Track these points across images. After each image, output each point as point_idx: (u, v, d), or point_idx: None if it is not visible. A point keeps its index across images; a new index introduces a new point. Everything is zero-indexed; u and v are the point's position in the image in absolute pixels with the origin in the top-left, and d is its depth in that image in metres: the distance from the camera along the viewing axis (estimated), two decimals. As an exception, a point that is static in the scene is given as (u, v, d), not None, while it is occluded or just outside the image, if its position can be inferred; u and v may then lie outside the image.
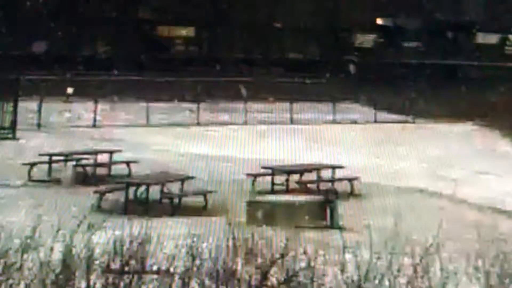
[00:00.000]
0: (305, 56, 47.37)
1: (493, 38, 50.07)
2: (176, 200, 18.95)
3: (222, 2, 45.59)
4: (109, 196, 18.55)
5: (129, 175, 21.20)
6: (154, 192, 18.94)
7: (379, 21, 48.71)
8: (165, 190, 19.10)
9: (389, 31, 48.44)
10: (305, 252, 8.36)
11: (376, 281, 7.92)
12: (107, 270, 8.02)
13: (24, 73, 30.76)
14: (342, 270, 8.08)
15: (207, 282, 7.80)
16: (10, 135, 27.13)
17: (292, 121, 34.87)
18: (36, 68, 34.52)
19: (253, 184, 20.76)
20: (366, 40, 48.43)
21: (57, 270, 7.97)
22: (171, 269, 8.17)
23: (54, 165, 21.57)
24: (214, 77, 38.61)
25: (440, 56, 47.69)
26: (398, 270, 8.13)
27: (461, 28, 49.82)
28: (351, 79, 41.55)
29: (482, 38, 49.75)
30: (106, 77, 36.12)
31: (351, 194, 20.90)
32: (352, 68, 44.43)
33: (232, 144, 28.78)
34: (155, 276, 8.13)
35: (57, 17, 41.37)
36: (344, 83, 40.20)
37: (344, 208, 18.10)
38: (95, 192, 18.54)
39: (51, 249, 8.29)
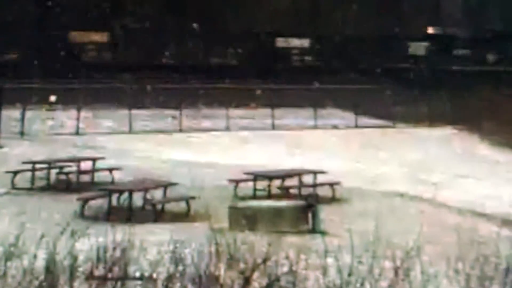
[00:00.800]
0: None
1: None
2: (159, 207, 18.96)
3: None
4: (92, 203, 18.52)
5: (112, 182, 21.21)
6: (137, 198, 18.93)
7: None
8: (148, 196, 19.09)
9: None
10: (287, 257, 8.37)
11: (358, 285, 7.93)
12: (90, 277, 8.01)
13: (5, 81, 30.72)
14: (324, 274, 8.08)
15: (190, 287, 7.80)
16: (-8, 144, 27.08)
17: (273, 127, 34.94)
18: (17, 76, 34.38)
19: (235, 190, 20.78)
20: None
21: (41, 277, 7.95)
22: (154, 275, 8.16)
23: (37, 173, 21.53)
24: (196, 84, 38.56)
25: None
26: (380, 274, 8.14)
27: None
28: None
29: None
30: (88, 85, 36.03)
31: (333, 198, 20.96)
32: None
33: (214, 150, 28.83)
34: (138, 282, 8.13)
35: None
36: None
37: (325, 213, 18.12)
38: (78, 199, 18.50)
39: (35, 256, 8.27)
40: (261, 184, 21.17)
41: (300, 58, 46.36)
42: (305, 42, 46.00)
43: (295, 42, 45.84)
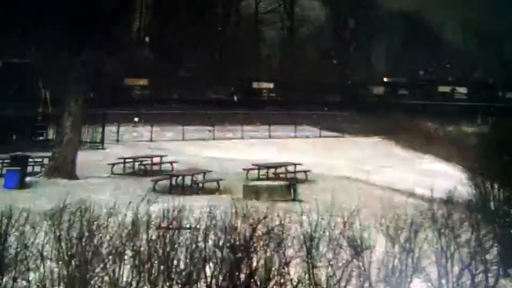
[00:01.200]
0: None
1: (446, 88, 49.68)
2: (200, 185, 18.99)
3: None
4: (160, 183, 18.58)
5: (172, 170, 21.26)
6: (187, 180, 18.98)
7: None
8: (194, 179, 19.14)
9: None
10: (278, 215, 8.35)
11: (321, 232, 7.91)
12: (159, 227, 7.99)
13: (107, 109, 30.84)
14: (301, 226, 8.05)
15: (219, 233, 7.79)
16: (100, 147, 27.10)
17: (270, 136, 34.90)
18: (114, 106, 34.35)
19: (247, 175, 20.81)
20: None
21: (129, 227, 7.96)
22: (198, 226, 8.15)
23: (126, 164, 21.58)
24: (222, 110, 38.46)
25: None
26: (334, 225, 8.12)
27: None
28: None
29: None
30: (159, 111, 36.04)
31: (306, 180, 21.00)
32: None
33: (233, 151, 28.83)
34: (188, 230, 8.11)
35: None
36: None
37: (301, 189, 18.15)
38: (152, 180, 18.57)
39: (125, 215, 8.28)
40: (263, 172, 21.19)
41: (267, 95, 46.06)
42: (271, 84, 45.75)
43: (265, 85, 45.68)
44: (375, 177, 22.40)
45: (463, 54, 51.71)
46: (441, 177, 20.09)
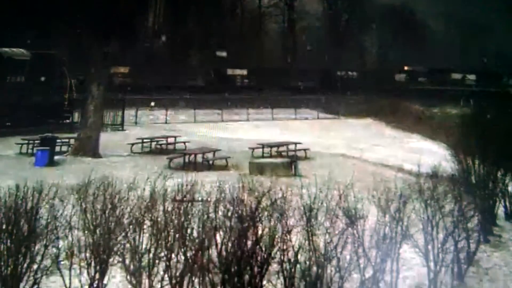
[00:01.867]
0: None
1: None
2: (211, 162, 19.00)
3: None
4: (175, 160, 18.58)
5: (185, 149, 21.27)
6: (199, 158, 18.96)
7: None
8: (205, 156, 19.13)
9: None
10: (281, 189, 8.34)
11: (319, 204, 7.91)
12: (174, 200, 8.00)
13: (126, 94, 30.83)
14: (301, 198, 8.03)
15: (228, 205, 7.79)
16: (120, 128, 27.15)
17: (273, 119, 34.81)
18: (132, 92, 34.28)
19: (252, 153, 20.80)
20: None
21: (147, 200, 7.98)
22: (209, 199, 8.15)
23: (144, 144, 21.58)
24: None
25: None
26: (331, 198, 8.09)
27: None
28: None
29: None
30: (172, 96, 35.94)
31: (305, 157, 20.95)
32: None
33: (240, 131, 28.81)
34: (200, 203, 8.12)
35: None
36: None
37: (301, 165, 18.12)
38: (167, 158, 18.58)
39: (144, 189, 8.29)
40: (267, 150, 21.17)
41: (241, 81, 45.21)
42: (244, 71, 44.92)
43: (238, 71, 44.86)
44: (367, 155, 22.36)
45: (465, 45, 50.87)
46: (427, 154, 20.04)
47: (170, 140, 21.93)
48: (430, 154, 18.91)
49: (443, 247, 8.97)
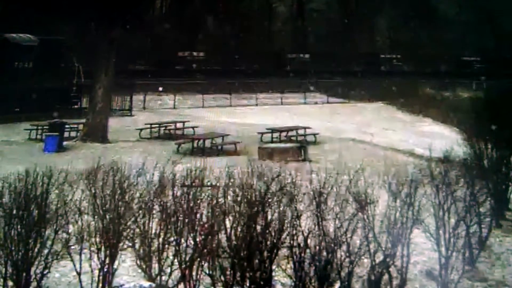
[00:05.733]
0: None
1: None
2: (219, 147, 19.01)
3: None
4: (183, 145, 18.63)
5: (193, 134, 21.29)
6: (207, 143, 19.00)
7: None
8: (213, 142, 19.16)
9: None
10: (290, 174, 8.35)
11: (329, 188, 7.90)
12: (183, 185, 8.05)
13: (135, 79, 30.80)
14: (310, 183, 8.02)
15: (237, 190, 7.82)
16: (128, 113, 27.19)
17: (282, 103, 34.67)
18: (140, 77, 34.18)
19: (261, 138, 20.79)
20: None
21: (156, 185, 8.02)
22: (218, 184, 8.19)
23: (153, 129, 21.63)
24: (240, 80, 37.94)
25: None
26: (341, 182, 8.05)
27: None
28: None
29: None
30: (181, 81, 35.80)
31: (315, 142, 20.91)
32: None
33: (249, 116, 28.76)
34: (209, 188, 8.15)
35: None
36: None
37: (311, 150, 18.11)
38: (176, 143, 18.62)
39: (153, 174, 8.34)
40: (275, 135, 21.15)
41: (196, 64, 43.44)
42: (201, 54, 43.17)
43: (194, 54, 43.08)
44: (378, 139, 22.28)
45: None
46: (438, 138, 19.99)
47: (179, 125, 21.96)
48: (441, 138, 18.85)
49: (455, 232, 8.95)
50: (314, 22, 50.36)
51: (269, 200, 7.67)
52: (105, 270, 7.55)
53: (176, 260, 7.60)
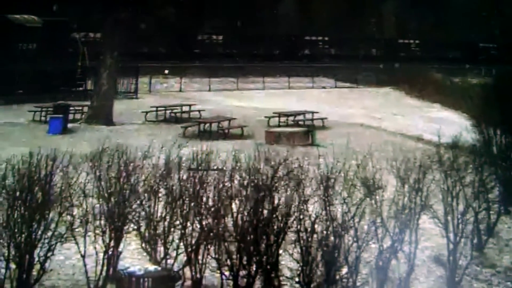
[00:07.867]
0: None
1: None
2: (226, 131, 18.95)
3: None
4: (190, 129, 18.57)
5: (200, 117, 21.18)
6: (214, 126, 18.94)
7: None
8: (220, 125, 19.09)
9: None
10: (297, 158, 8.33)
11: (337, 173, 7.87)
12: (189, 168, 8.03)
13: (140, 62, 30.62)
14: (318, 168, 8.01)
15: (244, 174, 7.79)
16: (134, 96, 27.06)
17: (289, 87, 34.49)
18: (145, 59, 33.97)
19: (268, 122, 20.69)
20: None
21: (162, 168, 7.99)
22: (224, 168, 8.16)
23: (159, 112, 21.57)
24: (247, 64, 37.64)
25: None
26: (349, 167, 8.06)
27: None
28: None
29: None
30: (185, 64, 35.59)
31: (322, 127, 20.78)
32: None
33: (256, 100, 28.64)
34: (215, 171, 8.13)
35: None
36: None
37: (318, 134, 18.03)
38: (182, 127, 18.56)
39: (158, 157, 8.31)
40: (283, 119, 21.07)
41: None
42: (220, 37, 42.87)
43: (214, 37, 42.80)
44: (386, 124, 22.18)
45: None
46: (447, 124, 19.87)
47: (185, 108, 21.87)
48: (450, 124, 18.74)
49: (463, 218, 8.92)
50: (324, 6, 49.88)
51: (276, 185, 7.64)
52: (110, 253, 7.54)
53: (182, 243, 7.59)
